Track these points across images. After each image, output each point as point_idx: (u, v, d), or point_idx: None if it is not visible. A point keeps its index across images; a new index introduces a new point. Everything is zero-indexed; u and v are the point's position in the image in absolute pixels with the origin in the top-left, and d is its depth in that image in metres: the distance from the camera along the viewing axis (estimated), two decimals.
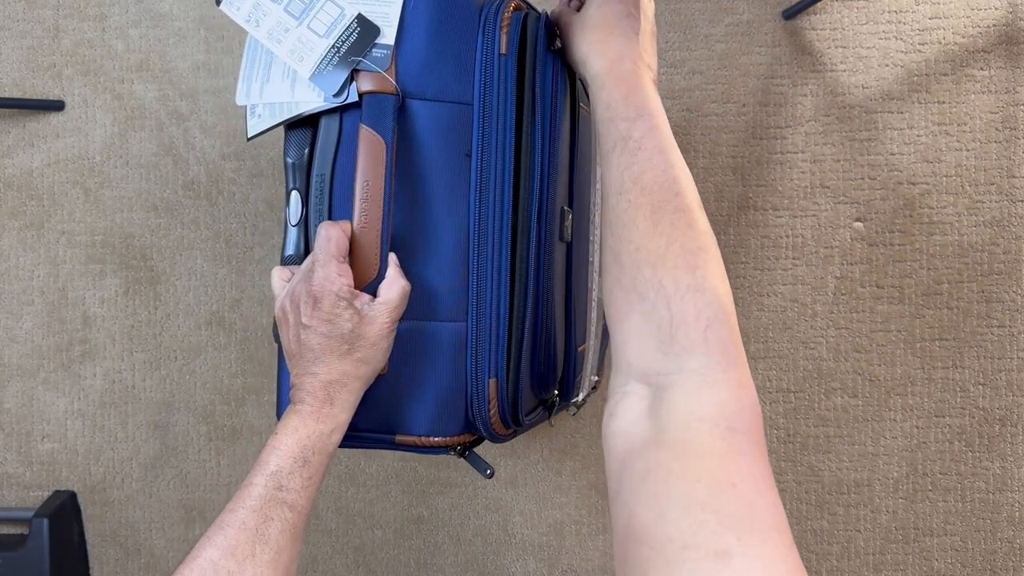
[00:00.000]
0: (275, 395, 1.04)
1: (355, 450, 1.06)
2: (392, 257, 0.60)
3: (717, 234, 1.03)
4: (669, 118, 0.95)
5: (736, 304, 1.01)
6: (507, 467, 1.05)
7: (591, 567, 1.05)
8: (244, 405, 1.05)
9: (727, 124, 1.00)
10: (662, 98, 1.00)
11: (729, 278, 1.06)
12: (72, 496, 1.06)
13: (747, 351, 1.01)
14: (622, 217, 0.52)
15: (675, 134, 0.62)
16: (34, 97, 1.04)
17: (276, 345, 0.64)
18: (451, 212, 0.62)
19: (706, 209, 1.01)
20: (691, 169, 1.05)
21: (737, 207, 1.01)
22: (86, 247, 1.04)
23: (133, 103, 1.04)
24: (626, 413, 0.47)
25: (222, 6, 0.62)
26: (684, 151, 1.00)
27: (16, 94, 1.04)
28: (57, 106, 1.03)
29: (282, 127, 0.63)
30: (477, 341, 0.62)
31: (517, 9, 0.64)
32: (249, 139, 0.62)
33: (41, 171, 1.04)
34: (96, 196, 1.04)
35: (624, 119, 0.56)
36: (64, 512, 1.03)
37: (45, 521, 1.00)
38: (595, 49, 0.61)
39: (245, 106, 0.63)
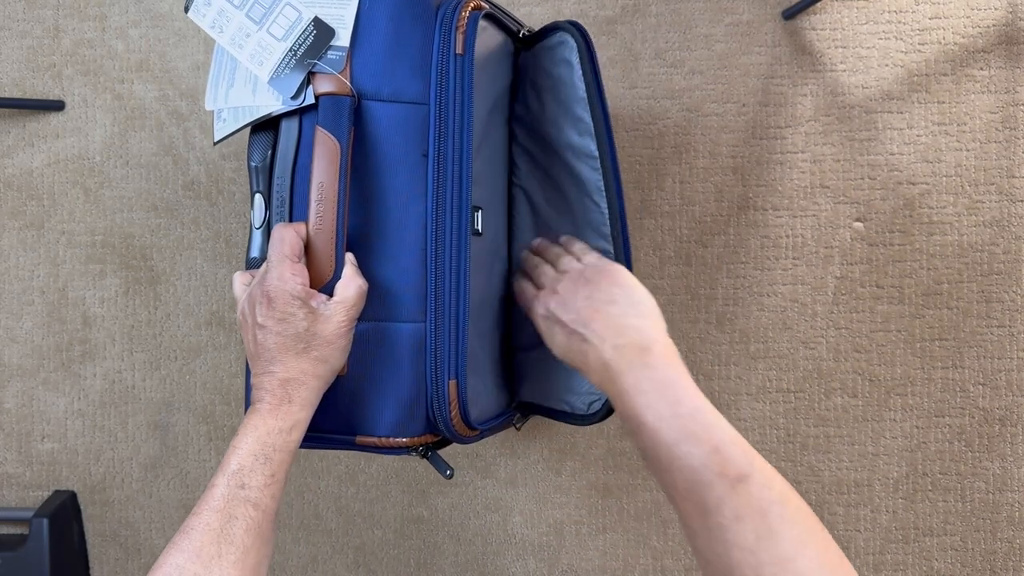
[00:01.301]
0: None
1: (354, 451, 1.06)
2: (349, 257, 0.60)
3: (717, 234, 1.04)
4: (669, 118, 0.96)
5: (736, 304, 1.01)
6: (507, 467, 1.05)
7: (591, 567, 1.05)
8: (244, 405, 1.05)
9: (727, 124, 1.00)
10: (662, 98, 1.01)
11: (729, 278, 1.06)
12: (72, 496, 1.06)
13: (747, 351, 1.01)
14: (787, 562, 0.45)
15: (675, 134, 0.62)
16: (34, 97, 1.04)
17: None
18: (409, 212, 0.62)
19: (706, 209, 1.02)
20: (691, 169, 1.06)
21: (737, 207, 1.01)
22: (86, 247, 1.04)
23: (133, 103, 1.04)
24: None
25: (190, 13, 0.63)
26: (684, 151, 1.00)
27: (16, 94, 1.04)
28: (57, 106, 1.03)
29: (238, 130, 0.63)
30: (436, 342, 0.62)
31: (476, 9, 0.64)
32: (215, 143, 0.63)
33: (41, 171, 1.04)
34: (96, 196, 1.04)
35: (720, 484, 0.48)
36: (64, 512, 1.03)
37: (45, 521, 1.00)
38: (600, 381, 0.57)
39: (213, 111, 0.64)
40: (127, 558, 1.07)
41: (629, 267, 0.68)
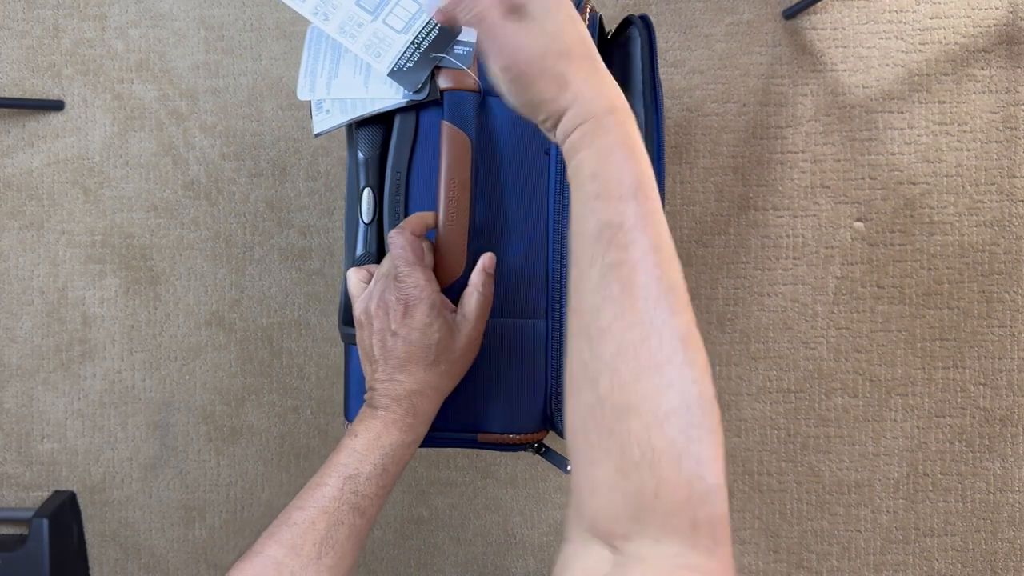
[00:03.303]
0: (275, 395, 1.04)
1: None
2: (484, 262, 0.58)
3: (717, 234, 1.04)
4: (669, 118, 0.95)
5: (736, 304, 1.01)
6: (507, 467, 1.04)
7: None
8: (244, 405, 1.05)
9: (727, 124, 1.00)
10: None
11: (729, 278, 1.06)
12: (72, 496, 1.06)
13: (747, 351, 1.01)
14: (606, 331, 0.41)
15: (675, 134, 0.61)
16: (34, 97, 1.04)
17: (345, 345, 0.63)
18: (528, 209, 0.61)
19: (706, 209, 1.01)
20: (691, 169, 1.06)
21: (737, 207, 1.01)
22: (86, 247, 1.04)
23: (133, 103, 1.03)
24: (581, 573, 0.40)
25: None
26: (684, 151, 1.00)
27: (16, 94, 1.04)
28: (57, 106, 1.03)
29: (347, 123, 0.61)
30: (556, 339, 0.62)
31: (592, 11, 0.64)
32: (316, 135, 0.61)
33: (41, 171, 1.04)
34: (96, 196, 1.04)
35: (615, 198, 0.42)
36: (64, 512, 1.03)
37: (45, 521, 1.00)
38: (568, 90, 0.44)
39: (309, 102, 0.62)
40: (127, 558, 1.07)
41: None
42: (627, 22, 0.70)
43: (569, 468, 0.64)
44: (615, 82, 0.46)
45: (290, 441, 1.05)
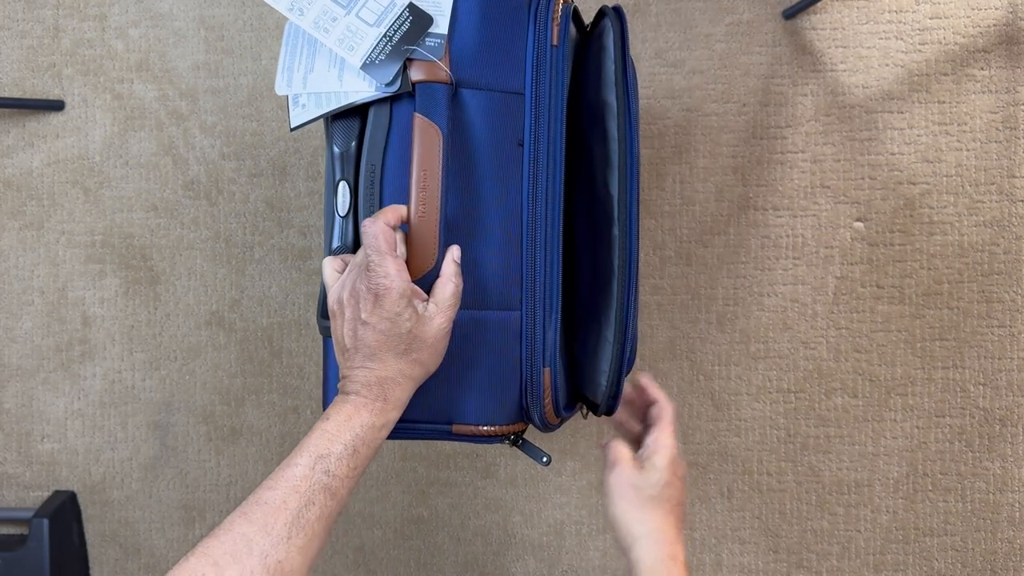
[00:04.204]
0: (275, 395, 1.04)
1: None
2: (454, 252, 0.59)
3: (717, 234, 1.04)
4: (669, 117, 0.95)
5: (736, 304, 1.01)
6: (507, 467, 1.05)
7: (591, 567, 1.04)
8: (244, 405, 1.05)
9: (727, 124, 1.00)
10: (662, 98, 1.01)
11: (729, 278, 1.06)
12: (72, 496, 1.06)
13: (747, 351, 1.01)
14: None
15: (675, 134, 0.62)
16: (34, 97, 1.04)
17: (323, 337, 0.63)
18: (502, 200, 0.61)
19: (706, 209, 1.01)
20: (691, 169, 1.06)
21: (737, 207, 1.01)
22: (86, 247, 1.04)
23: (133, 103, 1.04)
24: None
25: None
26: (684, 151, 1.00)
27: (16, 94, 1.04)
28: (57, 106, 1.03)
29: (322, 116, 0.62)
30: (532, 330, 0.62)
31: (565, 2, 0.64)
32: (293, 129, 0.62)
33: (41, 171, 1.04)
34: (96, 196, 1.04)
35: None
36: (64, 512, 1.03)
37: (45, 521, 1.00)
38: (657, 534, 0.61)
39: (286, 96, 0.62)
40: (127, 558, 1.07)
41: (634, 254, 0.67)
42: (601, 14, 0.70)
43: (545, 460, 0.65)
44: (682, 533, 0.63)
45: (290, 441, 1.05)
